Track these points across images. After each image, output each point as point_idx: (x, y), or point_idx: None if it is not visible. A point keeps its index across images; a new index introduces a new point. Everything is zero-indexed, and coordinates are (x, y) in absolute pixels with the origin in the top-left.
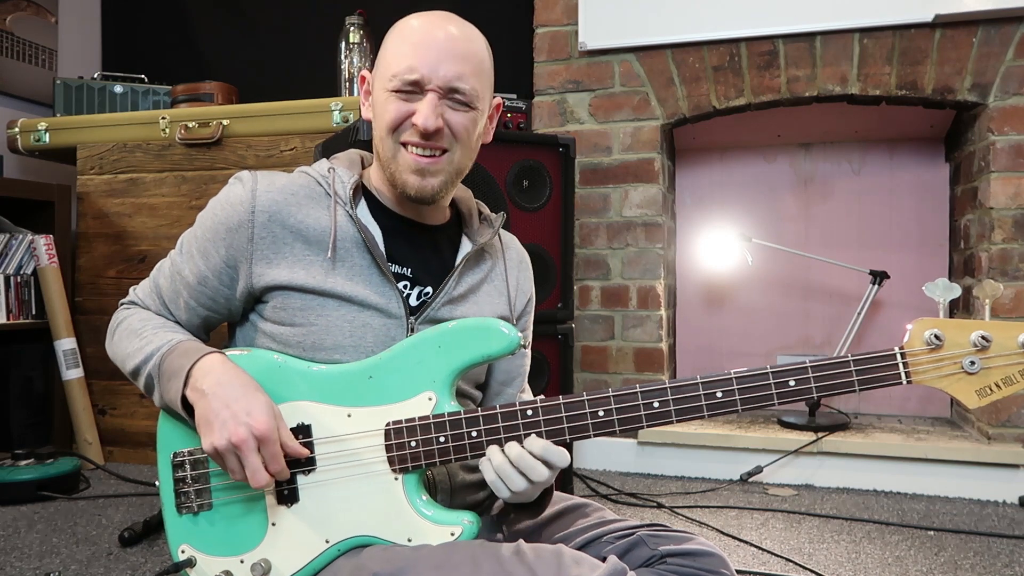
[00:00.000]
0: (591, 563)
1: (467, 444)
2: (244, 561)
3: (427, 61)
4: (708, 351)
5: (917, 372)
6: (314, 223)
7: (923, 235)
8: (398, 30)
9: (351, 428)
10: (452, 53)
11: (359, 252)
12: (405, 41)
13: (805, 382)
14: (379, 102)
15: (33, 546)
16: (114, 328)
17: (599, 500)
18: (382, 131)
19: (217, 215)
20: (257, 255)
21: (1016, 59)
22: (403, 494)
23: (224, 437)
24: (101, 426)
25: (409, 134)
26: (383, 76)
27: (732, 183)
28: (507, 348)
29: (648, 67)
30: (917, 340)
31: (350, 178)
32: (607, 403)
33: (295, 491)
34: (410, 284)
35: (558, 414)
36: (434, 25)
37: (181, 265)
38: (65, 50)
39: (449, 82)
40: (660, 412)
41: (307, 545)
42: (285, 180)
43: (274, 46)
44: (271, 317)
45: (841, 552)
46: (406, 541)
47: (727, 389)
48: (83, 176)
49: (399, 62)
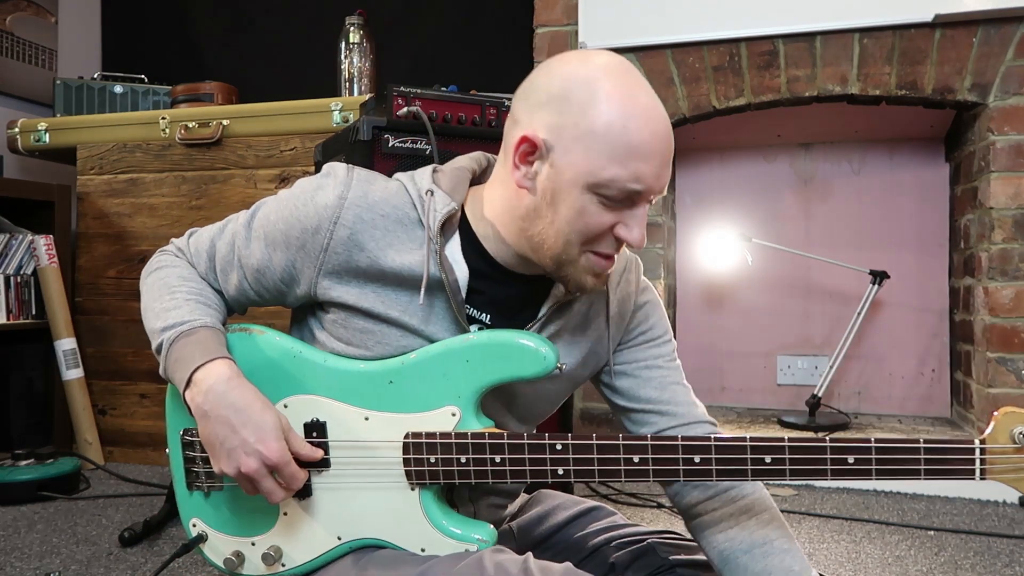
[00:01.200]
0: None
1: (489, 470)
2: (255, 544)
3: (654, 171)
4: (708, 351)
5: (994, 471)
6: (391, 262)
7: (923, 235)
8: (622, 110)
9: (368, 433)
10: (670, 157)
11: (437, 290)
12: (633, 136)
13: (866, 463)
14: (571, 198)
15: (33, 546)
16: (152, 270)
17: (599, 500)
18: (572, 235)
19: (298, 210)
20: (327, 268)
21: (1016, 59)
22: (419, 505)
23: (234, 467)
24: (101, 426)
25: (607, 246)
26: (589, 168)
27: (732, 183)
28: (541, 371)
29: (648, 67)
30: (1003, 434)
31: (444, 208)
32: (643, 451)
33: (308, 486)
34: (481, 328)
35: (589, 454)
36: (661, 119)
37: (244, 242)
38: (65, 50)
39: (663, 191)
40: (700, 469)
41: (318, 539)
42: (381, 194)
43: (274, 46)
44: (330, 330)
45: (841, 552)
46: (419, 550)
47: (778, 457)
48: (83, 176)
49: (623, 167)
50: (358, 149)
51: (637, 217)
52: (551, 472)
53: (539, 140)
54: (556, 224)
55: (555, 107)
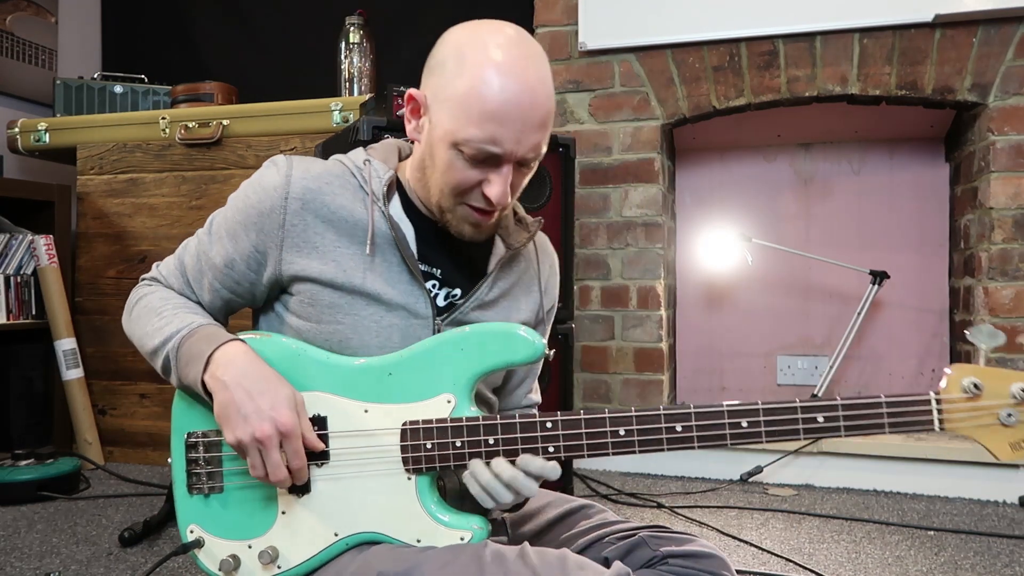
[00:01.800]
0: (596, 568)
1: (484, 452)
2: (252, 547)
3: (511, 136)
4: (708, 351)
5: (951, 420)
6: (347, 214)
7: (923, 235)
8: (475, 76)
9: (367, 424)
10: (535, 123)
11: (390, 250)
12: (486, 102)
13: (834, 420)
14: (441, 152)
15: (33, 546)
16: (133, 304)
17: (599, 500)
18: (444, 185)
19: (249, 198)
20: (288, 242)
21: (1016, 59)
22: (415, 495)
23: (248, 432)
24: (101, 426)
25: (475, 199)
26: (451, 129)
27: (732, 183)
28: (532, 357)
29: (648, 67)
30: (955, 387)
31: (386, 173)
32: (628, 423)
33: (308, 482)
34: (438, 284)
35: (578, 429)
36: (521, 86)
37: (208, 246)
38: (65, 50)
39: (527, 153)
40: (682, 436)
41: (316, 536)
42: (321, 167)
43: (274, 46)
44: (297, 311)
45: (841, 552)
46: (415, 542)
47: (753, 420)
48: (83, 176)
49: (479, 129)
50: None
51: (500, 176)
52: (542, 450)
53: (420, 97)
54: (435, 175)
55: (437, 70)
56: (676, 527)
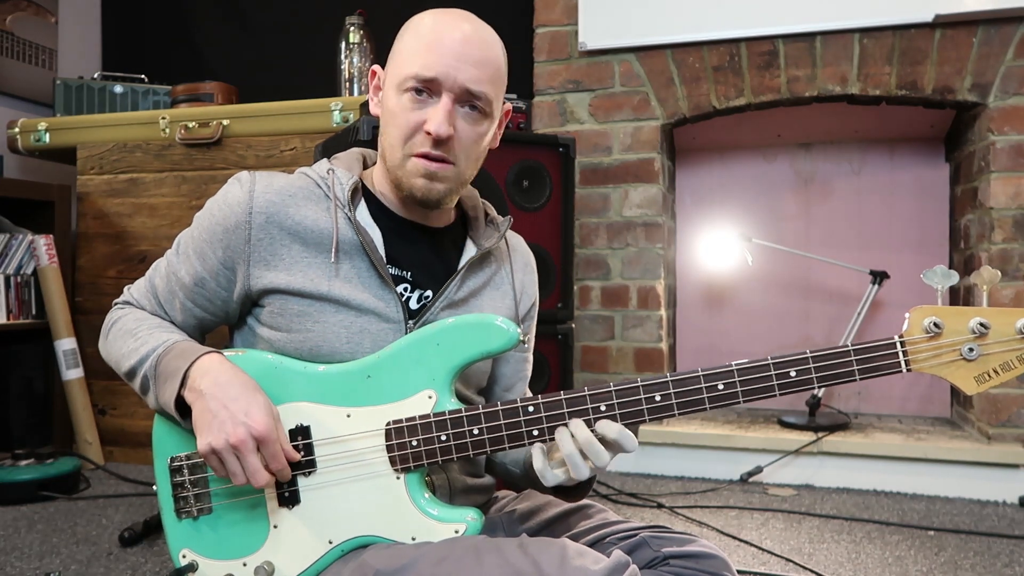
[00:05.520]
0: (595, 556)
1: (469, 443)
2: (247, 564)
3: (443, 62)
4: (708, 351)
5: (917, 360)
6: (312, 224)
7: (923, 235)
8: (413, 27)
9: (351, 429)
10: (470, 57)
11: (358, 255)
12: (420, 39)
13: (806, 372)
14: (390, 102)
15: (33, 546)
16: (108, 328)
17: (600, 500)
18: (393, 137)
19: (214, 215)
20: (255, 257)
21: (1016, 59)
22: (406, 493)
23: (222, 438)
24: (101, 426)
25: (420, 144)
26: (395, 75)
27: (732, 183)
28: (507, 344)
29: (648, 67)
30: (916, 328)
31: (349, 179)
32: (608, 398)
33: (296, 493)
34: (410, 287)
35: (560, 410)
36: (451, 25)
37: (177, 266)
38: (65, 50)
39: (465, 86)
40: (662, 405)
41: (310, 547)
42: (284, 181)
43: (274, 46)
44: (268, 323)
45: (841, 552)
46: (410, 539)
47: (728, 381)
48: (83, 176)
49: (414, 60)
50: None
51: (439, 109)
52: (527, 434)
53: (378, 70)
54: (388, 132)
55: (393, 47)
56: (676, 527)
